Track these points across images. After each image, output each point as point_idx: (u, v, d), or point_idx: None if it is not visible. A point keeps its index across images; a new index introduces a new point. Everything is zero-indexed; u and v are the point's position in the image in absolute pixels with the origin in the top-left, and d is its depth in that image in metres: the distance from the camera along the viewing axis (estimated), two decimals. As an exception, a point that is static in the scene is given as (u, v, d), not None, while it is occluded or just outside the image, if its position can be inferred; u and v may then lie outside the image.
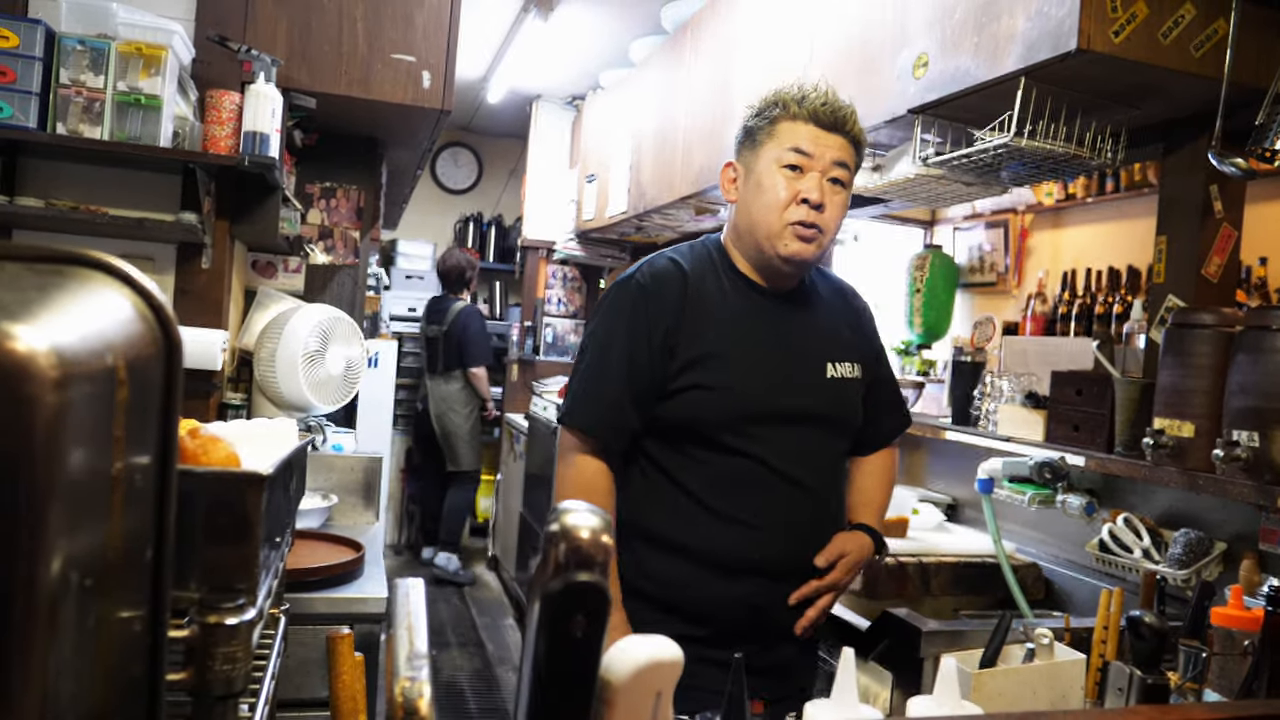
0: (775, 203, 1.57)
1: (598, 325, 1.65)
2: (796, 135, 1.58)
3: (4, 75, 2.01)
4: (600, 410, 1.60)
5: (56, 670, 0.45)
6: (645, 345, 1.58)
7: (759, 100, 1.66)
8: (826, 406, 1.66)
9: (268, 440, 0.78)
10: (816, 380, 1.66)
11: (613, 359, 1.60)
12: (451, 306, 5.54)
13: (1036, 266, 2.94)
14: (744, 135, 1.66)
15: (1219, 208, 1.94)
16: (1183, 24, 1.72)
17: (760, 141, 1.61)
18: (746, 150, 1.65)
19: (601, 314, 1.65)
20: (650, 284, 1.61)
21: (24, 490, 0.42)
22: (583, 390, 1.62)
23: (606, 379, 1.60)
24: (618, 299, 1.63)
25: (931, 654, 1.68)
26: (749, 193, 1.62)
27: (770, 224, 1.58)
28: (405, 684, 0.49)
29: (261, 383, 2.67)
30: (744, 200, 1.64)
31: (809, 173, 1.57)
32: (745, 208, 1.63)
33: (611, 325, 1.62)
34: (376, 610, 1.95)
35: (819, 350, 1.67)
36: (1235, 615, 1.43)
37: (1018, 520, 2.51)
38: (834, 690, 0.63)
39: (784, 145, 1.58)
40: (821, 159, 1.57)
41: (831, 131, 1.58)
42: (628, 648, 0.51)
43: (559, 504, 0.50)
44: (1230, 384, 1.69)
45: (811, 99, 1.59)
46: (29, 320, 0.42)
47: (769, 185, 1.58)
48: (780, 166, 1.57)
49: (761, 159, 1.60)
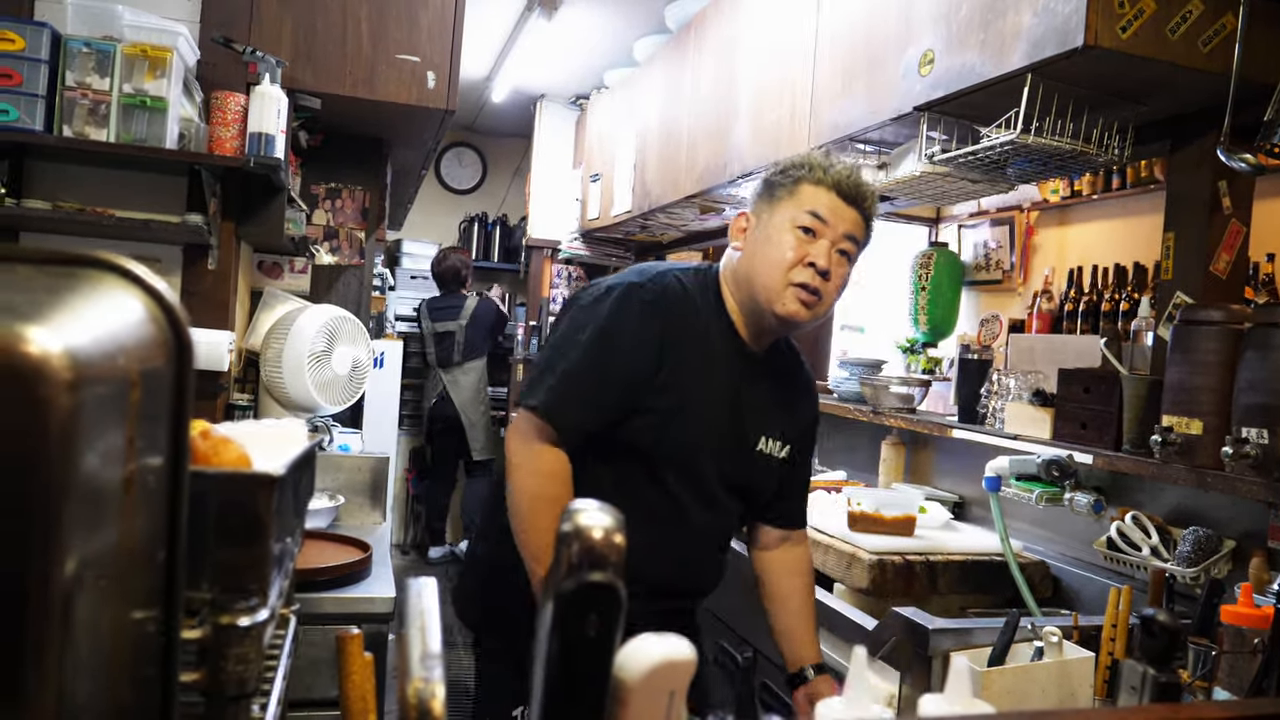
0: (782, 260, 1.57)
1: (590, 319, 1.58)
2: (817, 200, 1.58)
3: (10, 78, 2.01)
4: (578, 408, 1.55)
5: (71, 670, 0.45)
6: (639, 358, 1.56)
7: (785, 160, 1.67)
8: (744, 478, 1.70)
9: (278, 441, 0.78)
10: (744, 449, 1.69)
11: (605, 359, 1.55)
12: (465, 301, 5.72)
13: (1043, 264, 2.93)
14: (764, 188, 1.65)
15: (1227, 204, 1.93)
16: (1190, 19, 1.71)
17: (779, 198, 1.61)
18: (763, 203, 1.64)
19: (599, 310, 1.59)
20: (659, 301, 1.59)
21: (38, 492, 0.42)
22: (565, 382, 1.55)
23: (594, 378, 1.55)
24: (624, 302, 1.58)
25: (939, 652, 1.67)
26: (758, 244, 1.61)
27: (773, 280, 1.57)
28: (419, 684, 0.49)
29: (268, 383, 2.67)
30: (750, 250, 1.63)
31: (820, 239, 1.57)
32: (750, 258, 1.62)
33: (610, 325, 1.57)
34: (384, 610, 1.95)
35: (758, 422, 1.69)
36: (1245, 613, 1.43)
37: (1025, 518, 2.51)
38: (845, 689, 0.63)
39: (803, 207, 1.58)
40: (835, 229, 1.58)
41: (850, 204, 1.59)
42: (641, 647, 0.51)
43: (571, 505, 0.50)
44: (1239, 381, 1.68)
45: (837, 169, 1.61)
46: (42, 323, 0.42)
47: (779, 242, 1.58)
48: (795, 226, 1.57)
49: (777, 215, 1.60)
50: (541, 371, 1.58)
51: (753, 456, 1.70)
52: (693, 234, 4.71)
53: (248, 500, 0.57)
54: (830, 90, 2.57)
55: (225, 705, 0.56)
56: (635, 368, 1.56)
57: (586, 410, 1.55)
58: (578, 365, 1.55)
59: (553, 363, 1.58)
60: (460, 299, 5.76)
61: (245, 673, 0.55)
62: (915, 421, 2.74)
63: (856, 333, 3.81)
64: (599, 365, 1.55)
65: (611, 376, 1.56)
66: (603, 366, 1.55)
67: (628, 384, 1.56)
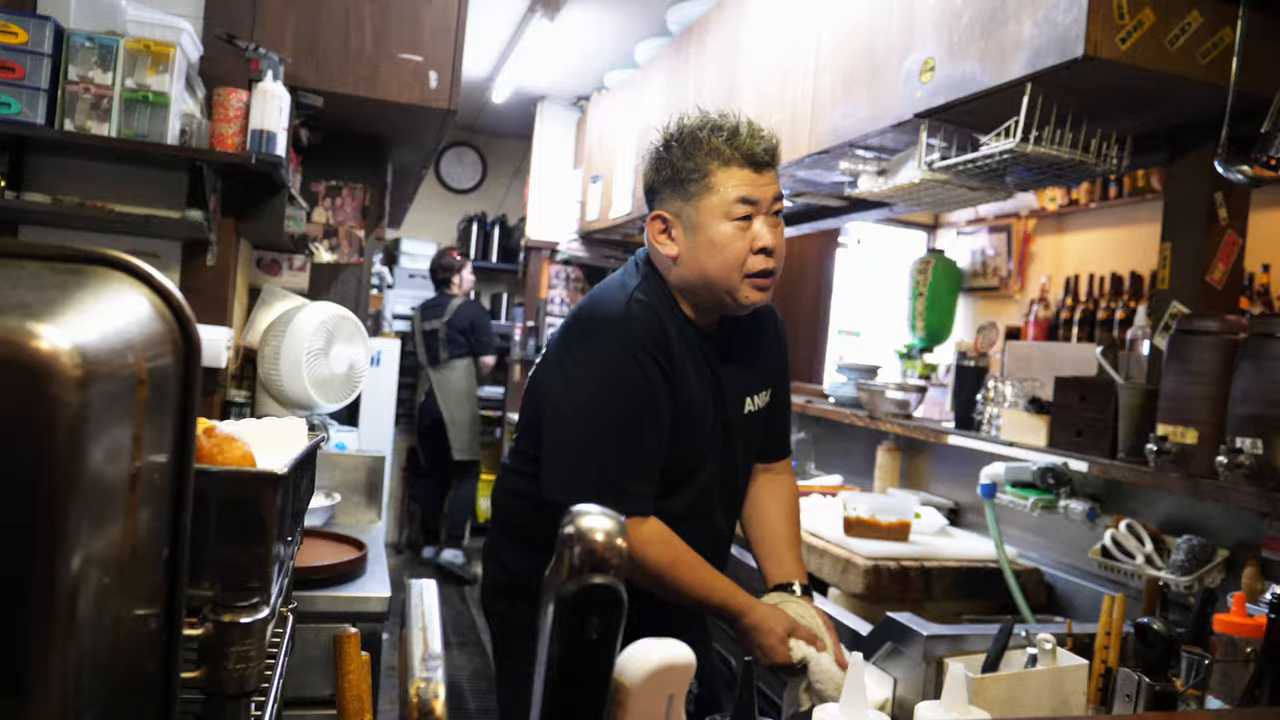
0: (733, 260, 1.51)
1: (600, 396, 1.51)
2: (738, 183, 1.50)
3: (12, 71, 2.01)
4: (649, 489, 1.53)
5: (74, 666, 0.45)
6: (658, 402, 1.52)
7: (671, 141, 1.57)
8: (739, 439, 1.69)
9: (279, 439, 0.78)
10: (735, 416, 1.67)
11: (642, 433, 1.51)
12: (450, 301, 5.77)
13: (1039, 271, 2.94)
14: (670, 182, 1.55)
15: (1223, 215, 1.94)
16: (1189, 32, 1.72)
17: (695, 193, 1.52)
18: (676, 199, 1.55)
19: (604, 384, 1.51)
20: (652, 349, 1.52)
21: (46, 488, 0.42)
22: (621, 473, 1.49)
23: (643, 459, 1.52)
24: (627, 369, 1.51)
25: (933, 659, 1.68)
26: (698, 249, 1.53)
27: (730, 280, 1.52)
28: (420, 684, 0.50)
29: (265, 381, 2.67)
30: (692, 256, 1.54)
31: (756, 218, 1.51)
32: (696, 263, 1.54)
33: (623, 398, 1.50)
34: (379, 610, 1.95)
35: (738, 389, 1.67)
36: (1238, 622, 1.43)
37: (1020, 525, 2.51)
38: (843, 695, 0.63)
39: (728, 197, 1.50)
40: (764, 201, 1.52)
41: (766, 169, 1.53)
42: (641, 651, 0.51)
43: (574, 508, 0.51)
44: (1234, 391, 1.69)
45: (743, 140, 1.51)
46: (52, 320, 0.43)
47: (719, 241, 1.50)
48: (728, 219, 1.50)
49: (703, 212, 1.51)
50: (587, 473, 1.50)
51: (744, 421, 1.68)
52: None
53: (251, 499, 0.57)
54: (831, 96, 2.58)
55: (225, 703, 0.56)
56: (661, 412, 1.53)
57: (650, 474, 1.53)
58: (621, 452, 1.50)
59: (593, 461, 1.51)
60: (448, 299, 5.83)
61: (246, 671, 0.56)
62: (911, 427, 2.75)
63: (853, 338, 3.82)
64: (636, 444, 1.51)
65: (651, 442, 1.52)
66: (639, 442, 1.51)
67: (662, 434, 1.54)
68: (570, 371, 1.55)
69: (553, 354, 1.62)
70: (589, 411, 1.52)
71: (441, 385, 5.72)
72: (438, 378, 5.73)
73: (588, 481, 1.48)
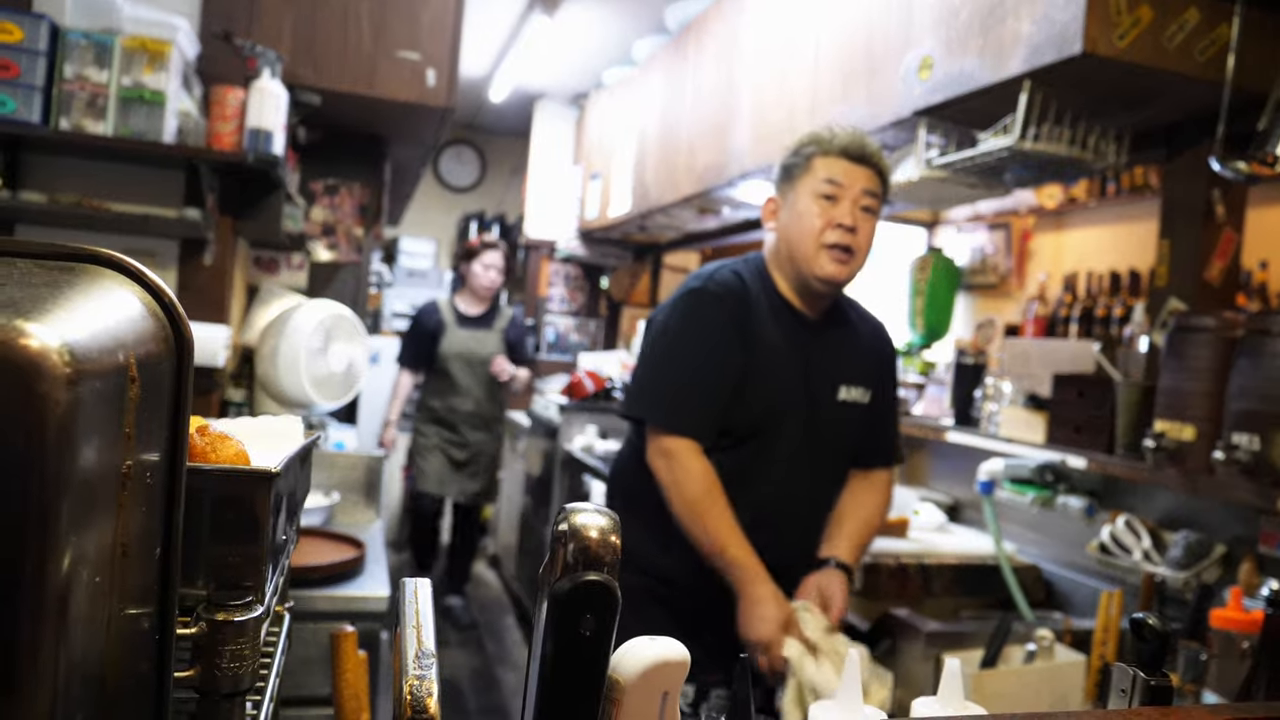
0: (812, 229, 1.71)
1: (671, 330, 1.73)
2: (830, 168, 1.72)
3: (8, 70, 2.01)
4: (698, 412, 1.69)
5: (66, 666, 0.45)
6: (727, 347, 1.69)
7: (794, 141, 1.81)
8: (829, 426, 1.79)
9: (274, 437, 0.78)
10: (826, 405, 1.78)
11: (699, 360, 1.70)
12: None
13: (1038, 269, 2.94)
14: (782, 173, 1.80)
15: (1221, 212, 1.94)
16: (1187, 29, 1.72)
17: (797, 176, 1.75)
18: (784, 185, 1.79)
19: (674, 320, 1.73)
20: (724, 294, 1.72)
21: (36, 487, 0.42)
22: (676, 394, 1.70)
23: (699, 380, 1.69)
24: (697, 304, 1.73)
25: (933, 654, 1.68)
26: (789, 221, 1.76)
27: (808, 248, 1.72)
28: (414, 683, 0.50)
29: (263, 379, 2.67)
30: (783, 228, 1.77)
31: (842, 201, 1.71)
32: (785, 234, 1.77)
33: (690, 328, 1.71)
34: (378, 609, 1.95)
35: (833, 375, 1.80)
36: (1234, 617, 1.44)
37: (1018, 521, 2.51)
38: (840, 691, 0.63)
39: (819, 178, 1.72)
40: (852, 188, 1.71)
41: (860, 164, 1.73)
42: (635, 648, 0.51)
43: (568, 504, 0.51)
44: (1231, 387, 1.69)
45: (841, 136, 1.74)
46: (41, 318, 0.43)
47: (806, 213, 1.72)
48: (816, 197, 1.71)
49: (798, 191, 1.74)
50: (647, 390, 1.75)
51: (837, 407, 1.80)
52: (690, 235, 4.72)
53: (245, 497, 0.57)
54: (830, 93, 2.57)
55: (219, 702, 0.56)
56: (728, 356, 1.69)
57: (706, 409, 1.69)
58: (679, 374, 1.71)
59: (655, 380, 1.75)
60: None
61: (240, 670, 0.56)
62: (910, 424, 2.75)
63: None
64: (696, 367, 1.70)
65: (710, 371, 1.69)
66: (699, 367, 1.70)
67: (727, 371, 1.69)
68: (653, 319, 1.81)
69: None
70: (661, 339, 1.75)
71: None
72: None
73: (653, 395, 1.72)
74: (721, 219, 3.94)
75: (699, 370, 1.70)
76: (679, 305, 1.76)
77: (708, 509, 1.64)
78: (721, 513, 1.64)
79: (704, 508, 1.64)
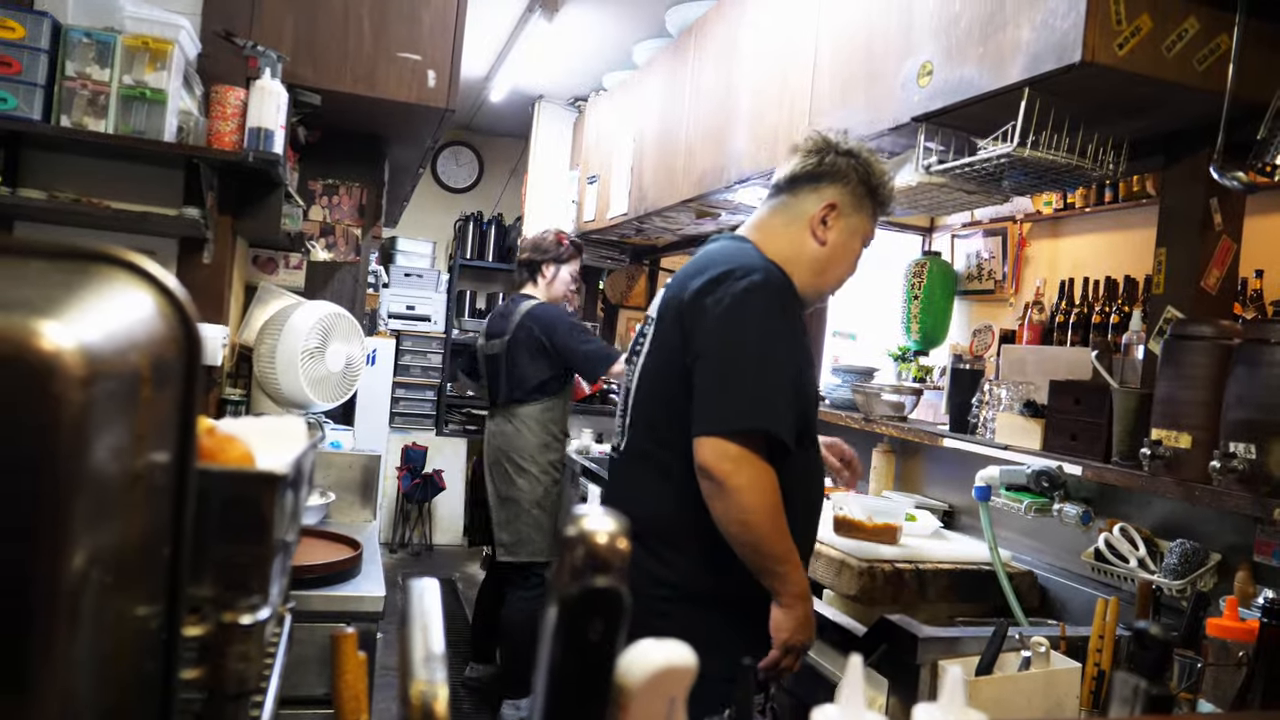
0: (849, 270, 1.85)
1: (753, 321, 1.64)
2: (874, 224, 1.85)
3: (9, 66, 2.01)
4: (783, 411, 1.64)
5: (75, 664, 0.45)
6: (798, 345, 1.71)
7: (883, 169, 1.85)
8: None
9: (278, 438, 0.78)
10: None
11: (778, 359, 1.65)
12: (519, 308, 3.78)
13: (1034, 275, 2.95)
14: (862, 187, 1.80)
15: (1219, 221, 1.95)
16: (1186, 38, 1.73)
17: (866, 209, 1.82)
18: (854, 201, 1.80)
19: (746, 316, 1.64)
20: (785, 289, 1.72)
21: (48, 486, 0.42)
22: (760, 392, 1.62)
23: (776, 378, 1.65)
24: (767, 301, 1.66)
25: (928, 660, 1.68)
26: (839, 249, 1.80)
27: (839, 282, 1.85)
28: (422, 686, 0.50)
29: (261, 379, 2.67)
30: (833, 251, 1.80)
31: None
32: (831, 259, 1.80)
33: (768, 326, 1.66)
34: (374, 609, 1.95)
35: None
36: (1230, 626, 1.44)
37: (1014, 528, 2.52)
38: (839, 697, 0.63)
39: (871, 229, 1.85)
40: None
41: None
42: (643, 653, 0.51)
43: (575, 509, 0.51)
44: (1228, 396, 1.70)
45: (892, 204, 1.89)
46: (56, 317, 0.43)
47: (852, 253, 1.83)
48: (862, 243, 1.84)
49: (856, 222, 1.81)
50: (723, 392, 1.62)
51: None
52: (688, 238, 4.72)
53: (252, 498, 0.57)
54: (829, 99, 2.58)
55: (225, 703, 0.56)
56: (801, 355, 1.72)
57: (789, 410, 1.65)
58: (759, 373, 1.62)
59: (732, 380, 1.62)
60: (516, 304, 3.84)
61: (246, 671, 0.56)
62: (906, 430, 2.75)
63: (848, 340, 3.82)
64: (774, 365, 1.64)
65: (788, 371, 1.66)
66: (778, 366, 1.65)
67: (802, 370, 1.71)
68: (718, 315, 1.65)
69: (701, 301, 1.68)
70: (749, 336, 1.64)
71: (493, 438, 3.79)
72: (493, 427, 3.81)
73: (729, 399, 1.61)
74: (719, 223, 3.94)
75: (775, 368, 1.63)
76: (743, 304, 1.64)
77: (780, 516, 1.62)
78: (780, 522, 1.63)
79: (778, 515, 1.62)
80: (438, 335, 6.36)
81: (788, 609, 1.66)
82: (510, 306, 3.85)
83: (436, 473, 6.08)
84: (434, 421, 6.39)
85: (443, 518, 6.41)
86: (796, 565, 1.66)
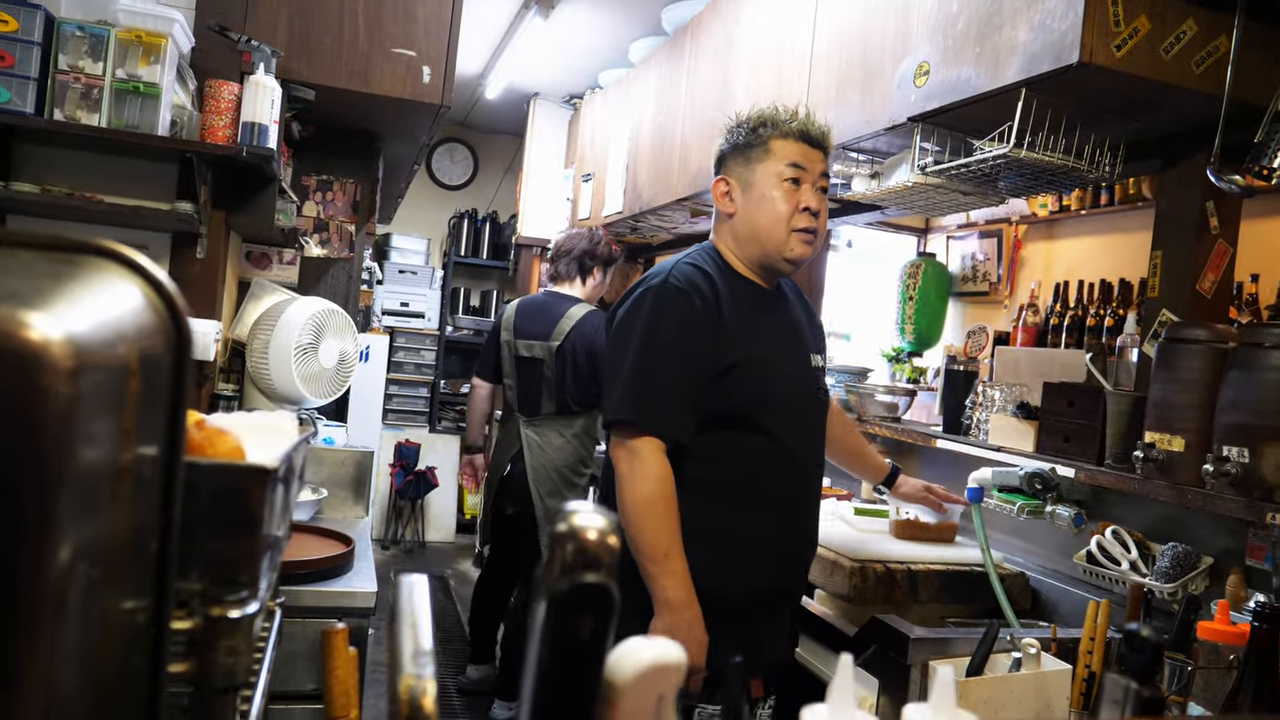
0: (782, 214, 1.74)
1: (640, 324, 1.69)
2: (791, 151, 1.75)
3: (2, 59, 2.00)
4: (669, 409, 1.66)
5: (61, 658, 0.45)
6: (698, 343, 1.68)
7: (743, 119, 1.81)
8: (815, 394, 1.87)
9: (269, 433, 0.78)
10: (807, 370, 1.86)
11: (669, 356, 1.66)
12: (565, 311, 3.46)
13: (1029, 277, 2.95)
14: (732, 150, 1.81)
15: (1214, 224, 1.95)
16: (1184, 40, 1.73)
17: (755, 158, 1.77)
18: (738, 165, 1.79)
19: (643, 314, 1.70)
20: (689, 287, 1.70)
21: (35, 478, 0.41)
22: (645, 389, 1.66)
23: (668, 376, 1.66)
24: (660, 300, 1.69)
25: (919, 661, 1.68)
26: (752, 205, 1.77)
27: (778, 233, 1.75)
28: (411, 681, 0.49)
29: (254, 374, 2.66)
30: (746, 212, 1.78)
31: (804, 184, 1.75)
32: (748, 219, 1.78)
33: (659, 324, 1.68)
34: (365, 605, 1.94)
35: (806, 344, 1.88)
36: (1221, 629, 1.44)
37: (1006, 530, 2.52)
38: (830, 696, 0.63)
39: (782, 161, 1.75)
40: (812, 171, 1.76)
41: (816, 147, 1.78)
42: (631, 650, 0.51)
43: (567, 506, 0.51)
44: (1221, 400, 1.70)
45: (800, 119, 1.78)
46: (44, 309, 0.42)
47: (771, 198, 1.75)
48: (780, 181, 1.74)
49: (759, 174, 1.76)
50: (617, 386, 1.69)
51: (813, 373, 1.87)
52: (683, 237, 4.72)
53: (241, 492, 0.57)
54: (825, 98, 2.58)
55: (213, 697, 0.56)
56: (695, 349, 1.68)
57: (681, 405, 1.67)
58: (647, 369, 1.67)
59: (624, 375, 1.68)
60: (563, 305, 3.49)
61: (234, 664, 0.55)
62: (900, 431, 2.75)
63: (842, 340, 3.82)
64: (670, 365, 1.67)
65: (677, 366, 1.67)
66: (673, 365, 1.67)
67: (696, 366, 1.68)
68: (614, 320, 1.77)
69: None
70: (626, 338, 1.70)
71: (536, 452, 3.46)
72: (530, 438, 3.47)
73: (621, 393, 1.67)
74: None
75: (669, 368, 1.67)
76: (640, 304, 1.72)
77: (663, 511, 1.62)
78: (673, 520, 1.62)
79: (659, 509, 1.61)
80: (431, 332, 6.35)
81: (656, 615, 1.60)
82: (550, 305, 3.51)
83: (429, 469, 6.07)
84: (427, 418, 6.38)
85: (435, 515, 6.40)
86: (671, 572, 1.60)
